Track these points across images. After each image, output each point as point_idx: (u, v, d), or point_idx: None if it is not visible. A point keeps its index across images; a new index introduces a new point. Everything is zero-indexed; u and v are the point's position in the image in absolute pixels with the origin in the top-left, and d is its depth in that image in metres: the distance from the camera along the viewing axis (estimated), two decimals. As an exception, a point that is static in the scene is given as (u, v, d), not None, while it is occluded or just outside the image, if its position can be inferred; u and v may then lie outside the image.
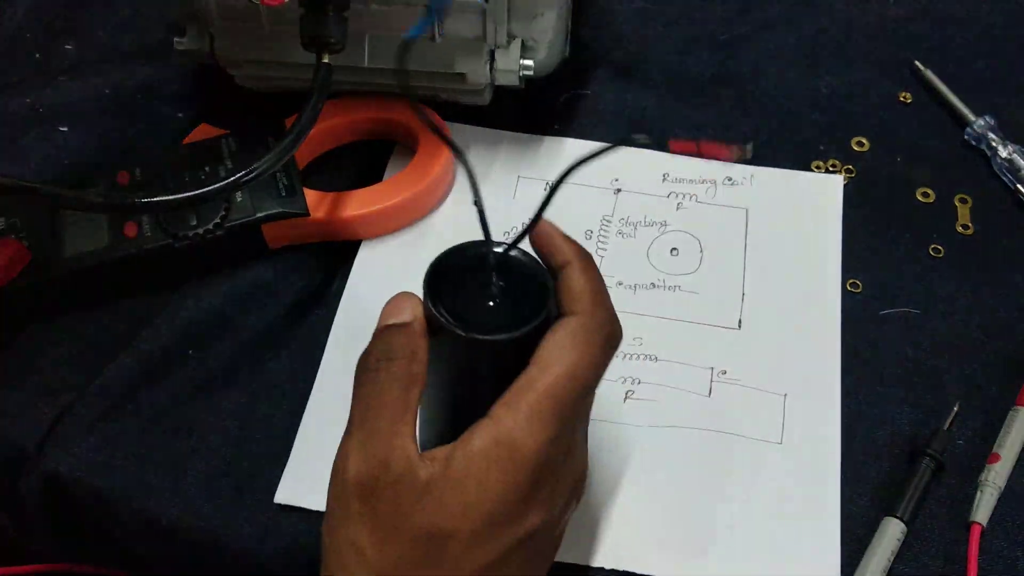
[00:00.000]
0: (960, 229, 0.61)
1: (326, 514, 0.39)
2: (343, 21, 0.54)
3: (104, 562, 0.59)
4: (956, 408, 0.53)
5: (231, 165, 0.59)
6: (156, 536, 0.52)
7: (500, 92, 0.64)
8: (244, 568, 0.51)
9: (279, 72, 0.62)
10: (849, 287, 0.58)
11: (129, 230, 0.56)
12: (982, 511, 0.50)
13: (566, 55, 0.64)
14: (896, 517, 0.49)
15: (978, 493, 0.51)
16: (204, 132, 0.62)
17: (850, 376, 0.55)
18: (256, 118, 0.63)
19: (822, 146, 0.65)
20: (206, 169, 0.59)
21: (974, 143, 0.65)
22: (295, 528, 0.51)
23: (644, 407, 0.54)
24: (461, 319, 0.38)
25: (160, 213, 0.55)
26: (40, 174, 0.64)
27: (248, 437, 0.53)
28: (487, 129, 0.66)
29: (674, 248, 0.61)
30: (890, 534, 0.49)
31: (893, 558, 0.49)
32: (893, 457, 0.52)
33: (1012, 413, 0.53)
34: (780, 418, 0.54)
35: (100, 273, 0.56)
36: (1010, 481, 0.51)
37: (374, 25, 0.58)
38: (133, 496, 0.52)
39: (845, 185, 0.63)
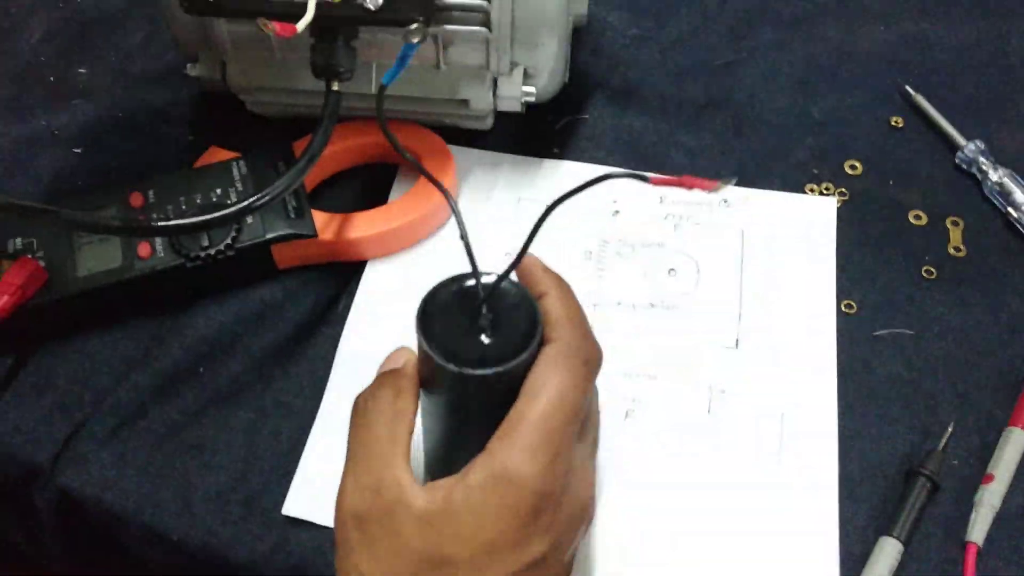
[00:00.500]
0: (952, 251, 0.62)
1: (334, 550, 0.41)
2: (352, 51, 0.56)
3: (115, 576, 0.61)
4: (951, 428, 0.54)
5: (241, 188, 0.61)
6: (166, 551, 0.53)
7: (501, 116, 0.66)
8: (253, 582, 0.52)
9: (288, 98, 0.63)
10: (844, 308, 0.60)
11: (142, 250, 0.57)
12: (977, 531, 0.51)
13: (566, 80, 0.66)
14: (893, 537, 0.50)
15: (973, 513, 0.52)
16: (214, 155, 0.63)
17: (846, 396, 0.56)
18: (265, 142, 0.65)
19: (815, 169, 0.67)
20: (217, 191, 0.60)
21: (965, 167, 0.66)
22: (303, 544, 0.52)
23: (643, 426, 0.56)
24: (452, 354, 0.39)
25: (174, 235, 0.56)
26: (54, 194, 0.65)
27: (257, 454, 0.55)
28: (488, 152, 0.68)
29: (672, 268, 0.62)
30: (887, 553, 0.50)
31: (890, 577, 0.50)
32: (889, 477, 0.53)
33: (1006, 433, 0.54)
34: (778, 437, 0.55)
35: (113, 292, 0.57)
36: (1005, 501, 0.52)
37: (382, 53, 0.60)
38: (144, 511, 0.53)
39: (838, 208, 0.64)
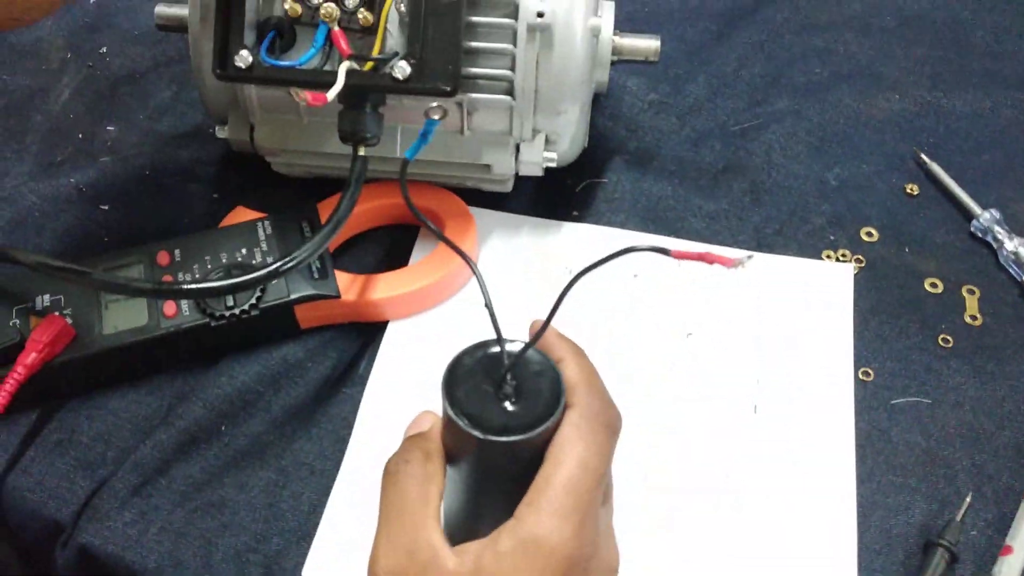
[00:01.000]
0: (968, 320, 0.63)
1: None
2: (379, 117, 0.57)
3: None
4: (968, 499, 0.55)
5: (266, 248, 0.62)
6: (185, 610, 0.53)
7: (521, 178, 0.67)
8: (271, 644, 0.52)
9: (314, 160, 0.65)
10: (861, 375, 0.60)
11: (168, 309, 0.58)
12: (997, 601, 0.51)
13: (585, 145, 0.67)
14: (912, 607, 0.51)
15: (991, 585, 0.52)
16: (240, 215, 0.65)
17: (864, 465, 0.56)
18: (290, 201, 0.66)
19: (832, 235, 0.68)
20: (242, 251, 0.61)
21: (980, 235, 0.67)
22: (321, 605, 0.52)
23: (662, 490, 0.56)
24: (478, 420, 0.39)
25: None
26: (81, 251, 0.66)
27: (277, 514, 0.55)
28: (509, 214, 0.69)
29: (689, 333, 0.63)
30: (907, 624, 0.50)
31: (909, 648, 0.50)
32: (907, 547, 0.54)
33: None
34: (796, 507, 0.55)
35: (139, 350, 0.58)
36: (1023, 573, 0.52)
37: (407, 118, 0.61)
38: (164, 571, 0.53)
39: (855, 275, 0.65)
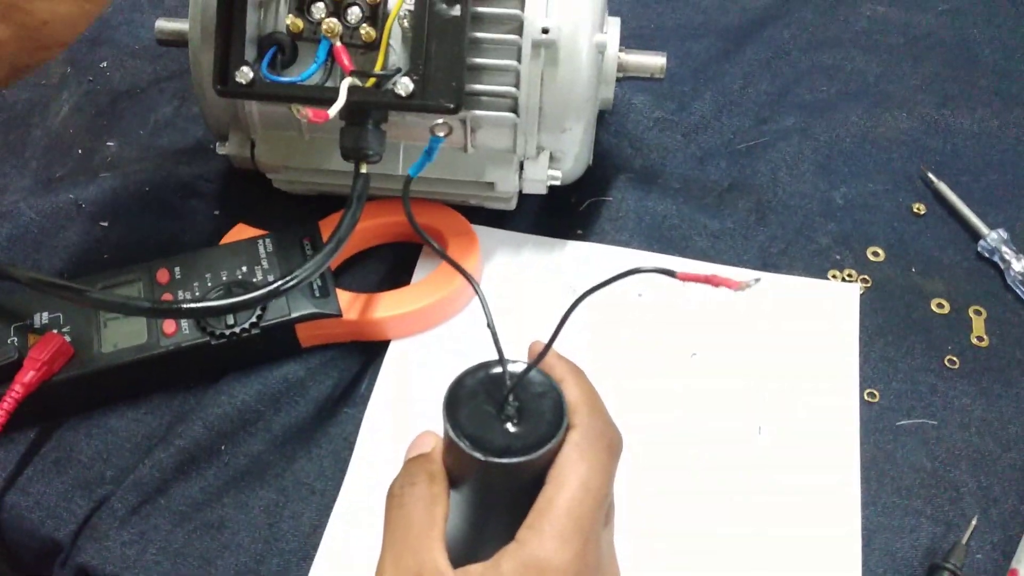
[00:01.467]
0: (975, 341, 0.62)
1: None
2: (381, 134, 0.57)
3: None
4: (974, 522, 0.54)
5: (267, 266, 0.61)
6: (183, 632, 0.53)
7: (525, 196, 0.66)
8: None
9: (316, 177, 0.64)
10: (867, 396, 0.60)
11: (168, 327, 0.58)
12: (1002, 626, 0.50)
13: (590, 163, 0.67)
14: (917, 632, 0.50)
15: (997, 609, 0.51)
16: (241, 232, 0.64)
17: (869, 487, 0.56)
18: (291, 218, 0.65)
19: (838, 255, 0.67)
20: (243, 269, 0.61)
21: (988, 255, 0.67)
22: (320, 628, 0.51)
23: (666, 512, 0.55)
24: (480, 442, 0.39)
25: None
26: (81, 268, 0.66)
27: (277, 535, 0.54)
28: (512, 232, 0.68)
29: (694, 353, 0.62)
30: (911, 648, 0.49)
31: (914, 673, 0.49)
32: (912, 570, 0.53)
33: (1030, 527, 0.54)
34: (800, 528, 0.54)
35: (138, 368, 0.58)
36: (1029, 596, 0.52)
37: (409, 135, 0.61)
38: (163, 592, 0.53)
39: (861, 295, 0.65)
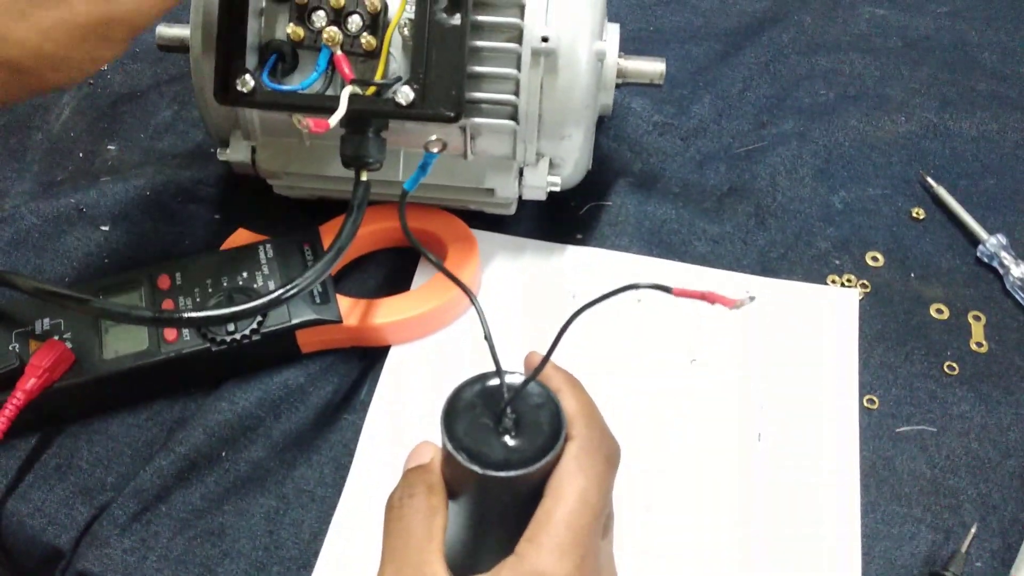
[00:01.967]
0: (974, 347, 0.62)
1: None
2: (382, 141, 0.57)
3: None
4: (974, 529, 0.54)
5: (267, 271, 0.61)
6: (184, 639, 0.53)
7: (524, 200, 0.66)
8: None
9: (316, 183, 0.64)
10: (866, 403, 0.60)
11: (169, 334, 0.58)
12: (1001, 634, 0.51)
13: (589, 168, 0.67)
14: (916, 639, 0.50)
15: (996, 616, 0.51)
16: (241, 238, 0.64)
17: (868, 494, 0.56)
18: (292, 223, 0.65)
19: (837, 260, 0.67)
20: (244, 275, 0.61)
21: (987, 260, 0.67)
22: (321, 635, 0.52)
23: (666, 519, 0.55)
24: (477, 455, 0.39)
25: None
26: (82, 272, 0.66)
27: (278, 543, 0.54)
28: (512, 237, 0.68)
29: (693, 359, 0.62)
30: (909, 655, 0.50)
31: None
32: (912, 578, 0.53)
33: (1028, 535, 0.54)
34: (800, 535, 0.55)
35: (139, 375, 0.58)
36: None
37: (409, 142, 0.61)
38: (164, 599, 0.53)
39: (860, 300, 0.65)
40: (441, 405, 0.41)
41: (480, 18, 0.57)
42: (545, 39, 0.56)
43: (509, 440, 0.40)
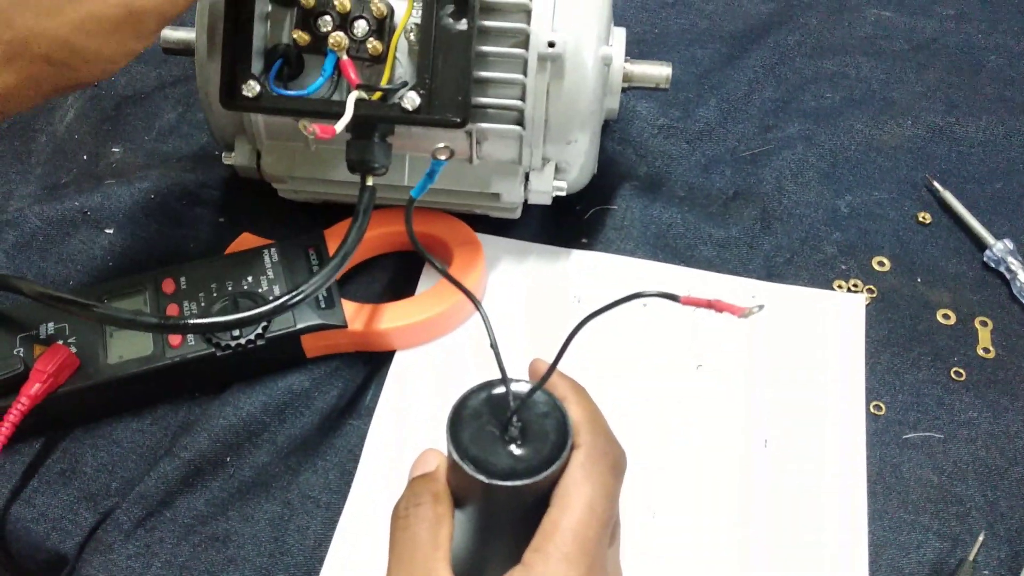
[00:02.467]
0: (981, 352, 0.62)
1: None
2: (388, 146, 0.56)
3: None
4: (981, 537, 0.54)
5: (272, 276, 0.61)
6: (188, 645, 0.53)
7: (530, 204, 0.66)
8: None
9: (321, 187, 0.64)
10: (872, 409, 0.59)
11: (173, 339, 0.58)
12: (1008, 643, 0.50)
13: (595, 172, 0.66)
14: (923, 647, 0.50)
15: (1004, 625, 0.51)
16: (246, 242, 0.64)
17: (875, 501, 0.56)
18: (297, 226, 0.65)
19: (843, 265, 0.67)
20: (248, 279, 0.61)
21: (994, 265, 0.66)
22: (326, 641, 0.51)
23: (671, 524, 0.55)
24: (483, 465, 0.39)
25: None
26: (86, 276, 0.66)
27: (283, 549, 0.54)
28: (517, 241, 0.68)
29: (700, 364, 0.62)
30: (917, 664, 0.49)
31: None
32: (919, 586, 0.53)
33: (1037, 543, 0.54)
34: (807, 541, 0.54)
35: (144, 380, 0.58)
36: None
37: (415, 147, 0.60)
38: (168, 605, 0.53)
39: (867, 305, 0.64)
40: (447, 413, 0.40)
41: (486, 23, 0.56)
42: (552, 44, 0.56)
43: (515, 449, 0.40)
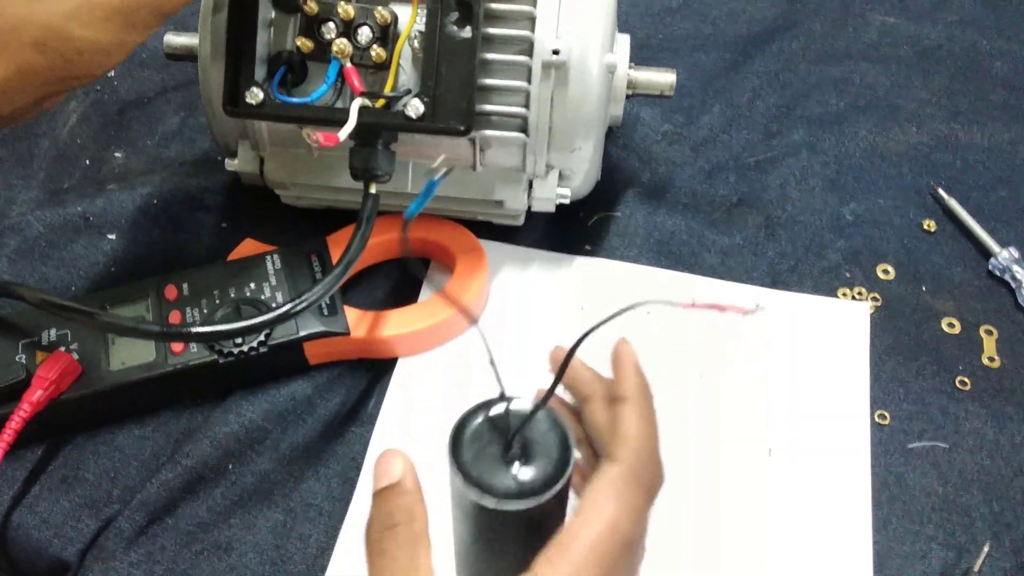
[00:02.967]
0: (986, 362, 0.62)
1: None
2: (391, 154, 0.56)
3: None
4: (987, 548, 0.54)
5: (275, 282, 0.61)
6: (190, 653, 0.53)
7: (533, 212, 0.66)
8: None
9: (324, 193, 0.64)
10: (877, 418, 0.59)
11: (176, 346, 0.58)
12: (1012, 654, 0.50)
13: (599, 179, 0.66)
14: (927, 659, 0.50)
15: (1008, 636, 0.51)
16: (249, 248, 0.64)
17: (880, 511, 0.55)
18: (299, 232, 0.65)
19: (848, 272, 0.67)
20: (251, 286, 0.61)
21: (998, 274, 0.66)
22: (328, 650, 0.51)
23: (674, 534, 0.55)
24: (486, 486, 0.38)
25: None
26: (88, 282, 0.66)
27: (285, 557, 0.54)
28: (520, 248, 0.68)
29: (702, 373, 0.62)
30: (921, 676, 0.49)
31: None
32: (924, 597, 0.53)
33: (1042, 554, 0.54)
34: (812, 551, 0.54)
35: (146, 386, 0.58)
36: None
37: (419, 154, 0.60)
38: (170, 613, 0.53)
39: (871, 314, 0.64)
40: (449, 422, 0.40)
41: (490, 30, 0.56)
42: (556, 52, 0.56)
43: (517, 469, 0.39)
